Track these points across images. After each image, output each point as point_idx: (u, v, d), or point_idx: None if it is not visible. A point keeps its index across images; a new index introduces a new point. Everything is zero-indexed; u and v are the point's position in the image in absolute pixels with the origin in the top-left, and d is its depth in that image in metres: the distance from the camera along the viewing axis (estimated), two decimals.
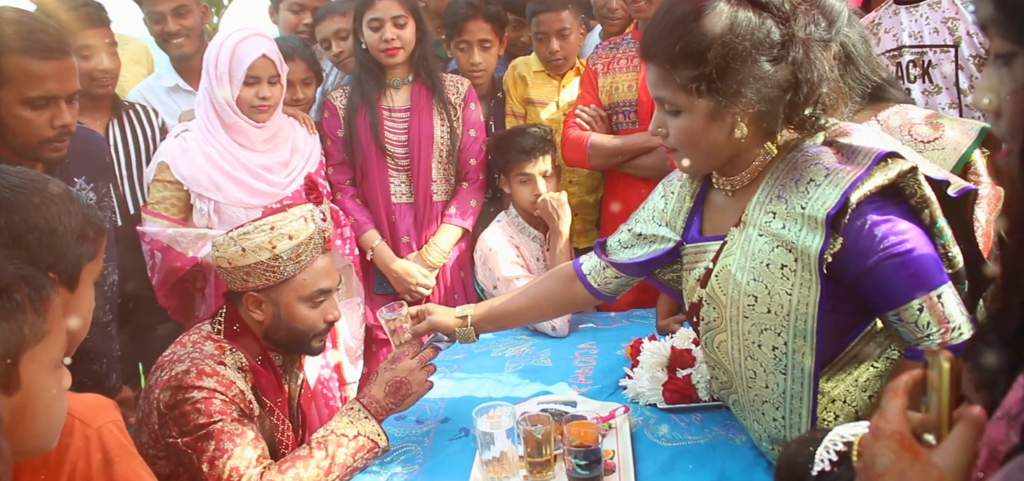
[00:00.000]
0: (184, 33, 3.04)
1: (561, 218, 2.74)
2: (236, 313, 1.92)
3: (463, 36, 3.01)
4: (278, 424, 1.91)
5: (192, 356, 1.80)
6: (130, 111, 2.86)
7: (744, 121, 1.49)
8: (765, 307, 1.50)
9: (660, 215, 1.83)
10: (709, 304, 1.61)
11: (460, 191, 2.97)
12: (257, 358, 1.90)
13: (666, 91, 1.51)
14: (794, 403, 1.53)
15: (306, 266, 1.89)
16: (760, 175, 1.57)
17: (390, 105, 2.88)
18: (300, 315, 1.91)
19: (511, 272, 2.74)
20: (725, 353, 1.62)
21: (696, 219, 1.74)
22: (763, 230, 1.51)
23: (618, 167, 2.87)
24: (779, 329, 1.49)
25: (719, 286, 1.58)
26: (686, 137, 1.53)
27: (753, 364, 1.56)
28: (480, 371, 2.40)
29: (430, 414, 2.14)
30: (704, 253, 1.68)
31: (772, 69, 1.44)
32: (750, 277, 1.51)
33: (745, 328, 1.55)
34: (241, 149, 2.59)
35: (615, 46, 2.92)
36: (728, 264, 1.56)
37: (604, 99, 2.90)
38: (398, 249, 2.94)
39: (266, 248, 1.83)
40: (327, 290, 1.95)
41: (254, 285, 1.87)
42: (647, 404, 2.06)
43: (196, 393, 1.72)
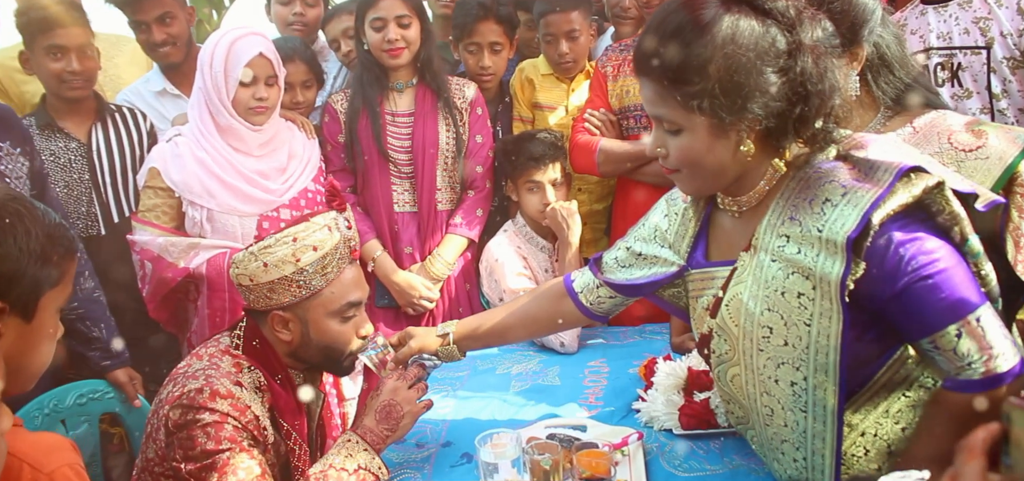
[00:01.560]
0: (170, 41, 2.91)
1: (571, 228, 2.63)
2: (256, 328, 1.81)
3: (473, 38, 2.90)
4: (295, 448, 1.81)
5: (207, 373, 1.68)
6: (115, 115, 2.75)
7: (750, 137, 1.38)
8: (781, 339, 1.39)
9: (661, 236, 1.70)
10: (720, 336, 1.50)
11: (466, 199, 2.85)
12: (276, 377, 1.79)
13: (664, 109, 1.40)
14: (816, 443, 1.41)
15: (333, 278, 1.78)
16: (769, 195, 1.46)
17: (393, 109, 2.77)
18: (331, 332, 1.80)
19: (518, 284, 2.63)
20: (739, 388, 1.50)
21: (701, 242, 1.62)
22: (776, 255, 1.40)
23: (629, 174, 2.76)
24: (798, 363, 1.38)
25: (730, 316, 1.47)
26: (688, 157, 1.42)
27: (770, 400, 1.45)
28: (484, 389, 2.28)
29: (431, 437, 2.02)
30: (711, 280, 1.56)
31: (779, 80, 1.33)
32: (764, 306, 1.40)
33: (760, 362, 1.43)
34: (236, 154, 2.48)
35: (626, 48, 2.82)
36: (739, 292, 1.45)
37: (614, 103, 2.80)
38: (401, 260, 2.82)
39: (289, 261, 1.72)
40: (357, 302, 1.84)
41: (279, 302, 1.75)
42: (662, 429, 1.94)
43: (206, 416, 1.61)
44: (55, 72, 2.54)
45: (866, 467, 1.45)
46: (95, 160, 2.66)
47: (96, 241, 2.64)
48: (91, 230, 2.67)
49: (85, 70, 2.58)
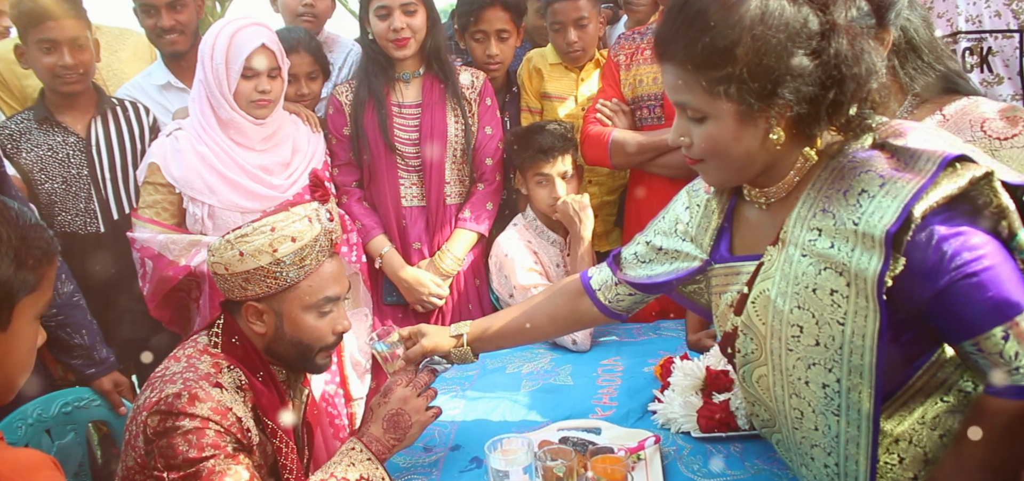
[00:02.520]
0: (178, 29, 2.85)
1: (583, 222, 2.55)
2: (235, 325, 1.75)
3: (479, 26, 2.81)
4: (281, 446, 1.74)
5: (185, 376, 1.61)
6: (116, 109, 2.69)
7: (780, 125, 1.30)
8: (812, 339, 1.31)
9: (682, 229, 1.62)
10: (746, 334, 1.42)
11: (475, 193, 2.77)
12: (258, 375, 1.72)
13: (688, 95, 1.32)
14: (850, 448, 1.33)
15: (311, 271, 1.71)
16: (799, 186, 1.38)
17: (400, 101, 2.69)
18: (305, 326, 1.73)
19: (528, 280, 2.55)
20: (766, 389, 1.43)
21: (725, 235, 1.54)
22: (807, 250, 1.32)
23: (642, 166, 2.68)
24: (830, 364, 1.30)
25: (757, 314, 1.39)
26: (714, 146, 1.34)
27: (800, 403, 1.37)
28: (494, 390, 2.21)
29: (439, 441, 1.96)
30: (736, 275, 1.48)
31: (811, 64, 1.25)
32: (793, 304, 1.32)
33: (789, 362, 1.35)
34: (238, 148, 2.42)
35: (639, 36, 2.74)
36: (766, 289, 1.37)
37: (627, 93, 2.72)
38: (409, 256, 2.75)
39: (267, 251, 1.66)
40: (335, 298, 1.77)
41: (254, 293, 1.69)
42: (680, 432, 1.87)
43: (187, 422, 1.54)
44: (48, 66, 2.48)
45: (900, 477, 1.37)
46: (94, 155, 2.60)
47: (95, 238, 2.59)
48: (90, 227, 2.61)
49: (79, 64, 2.51)
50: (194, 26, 2.91)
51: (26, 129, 2.58)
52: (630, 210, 2.84)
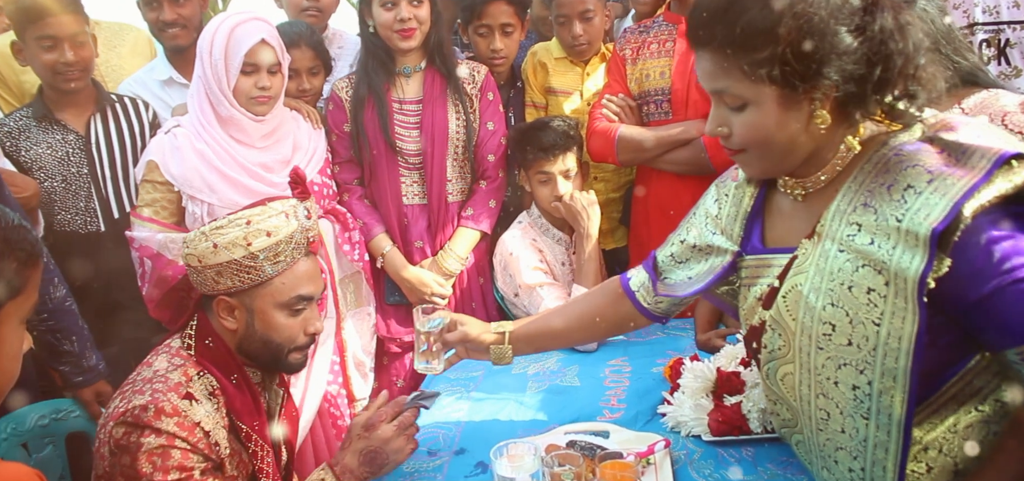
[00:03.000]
0: (181, 23, 2.82)
1: (590, 219, 2.50)
2: (208, 325, 1.72)
3: (483, 20, 2.76)
4: (257, 451, 1.71)
5: (154, 387, 1.58)
6: (116, 105, 2.64)
7: (825, 107, 1.25)
8: (845, 338, 1.25)
9: (713, 222, 1.57)
10: (774, 330, 1.37)
11: (477, 191, 2.73)
12: (231, 377, 1.69)
13: (728, 81, 1.27)
14: (878, 453, 1.28)
15: (285, 268, 1.69)
16: (839, 178, 1.32)
17: (400, 96, 2.64)
18: (277, 324, 1.70)
19: (534, 278, 2.51)
20: (790, 388, 1.38)
21: (757, 226, 1.49)
22: (844, 245, 1.26)
23: (649, 162, 2.63)
24: (862, 366, 1.25)
25: (787, 309, 1.34)
26: (756, 134, 1.29)
27: (827, 403, 1.32)
28: (500, 391, 2.17)
29: (444, 444, 1.91)
30: (767, 268, 1.43)
31: (855, 41, 1.20)
32: (827, 301, 1.27)
33: (818, 361, 1.30)
34: (237, 146, 2.37)
35: (645, 29, 2.68)
36: (799, 283, 1.32)
37: (633, 88, 2.66)
38: (411, 255, 2.71)
39: (240, 244, 1.63)
40: (308, 297, 1.74)
41: (226, 287, 1.66)
42: (690, 435, 1.83)
43: (152, 439, 1.51)
44: (48, 63, 2.44)
45: None
46: (94, 153, 2.57)
47: (95, 238, 2.55)
48: (90, 226, 2.57)
49: (80, 60, 2.47)
50: (197, 20, 2.87)
51: (25, 127, 2.54)
52: (637, 207, 2.79)
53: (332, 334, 2.60)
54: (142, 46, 3.29)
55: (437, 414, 2.07)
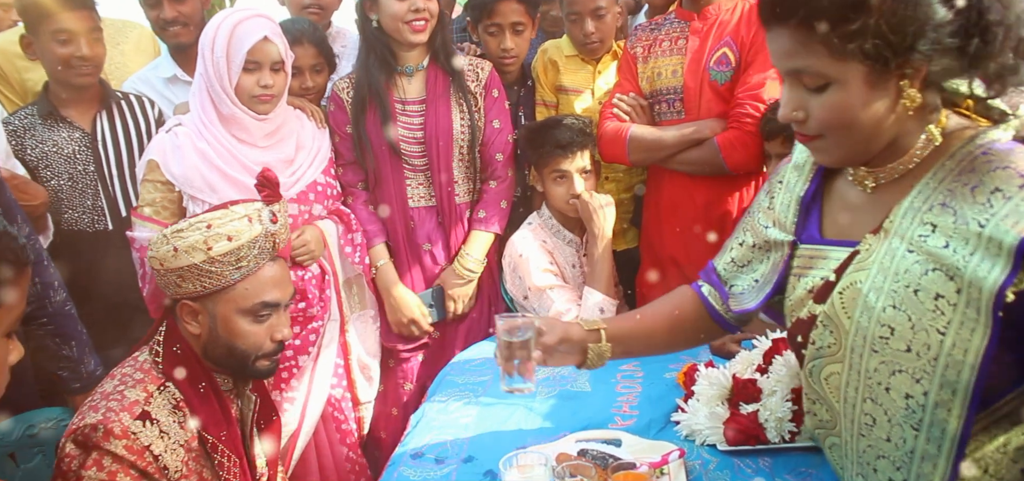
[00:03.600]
0: (182, 20, 2.79)
1: (605, 220, 2.45)
2: (176, 330, 1.69)
3: (494, 19, 2.70)
4: (224, 462, 1.67)
5: (109, 405, 1.55)
6: (121, 103, 2.61)
7: (915, 85, 1.16)
8: (904, 344, 1.17)
9: (767, 215, 1.47)
10: (825, 326, 1.28)
11: (487, 191, 2.66)
12: (199, 386, 1.66)
13: (810, 59, 1.18)
14: (924, 467, 1.20)
15: (249, 273, 1.66)
16: (915, 171, 1.23)
17: (402, 96, 2.58)
18: (240, 331, 1.67)
19: (544, 281, 2.46)
20: (835, 388, 1.30)
21: (814, 214, 1.40)
22: (915, 245, 1.18)
23: (661, 162, 2.57)
24: (919, 374, 1.17)
25: (843, 306, 1.25)
26: (839, 117, 1.20)
27: (874, 409, 1.24)
28: (509, 397, 2.09)
29: (452, 452, 1.86)
30: (823, 259, 1.34)
31: (949, 12, 1.11)
32: (888, 302, 1.19)
33: (871, 364, 1.22)
34: (239, 145, 2.32)
35: (657, 27, 2.63)
36: (859, 281, 1.23)
37: (645, 87, 2.61)
38: (420, 258, 2.65)
39: (201, 249, 1.60)
40: (274, 304, 1.71)
41: (188, 291, 1.64)
42: (705, 444, 1.78)
43: (93, 472, 1.48)
44: (63, 57, 2.42)
45: None
46: (100, 150, 2.54)
47: (104, 236, 2.53)
48: (98, 225, 2.55)
49: (95, 56, 2.47)
50: (198, 17, 2.84)
51: (30, 125, 2.51)
52: (648, 208, 2.74)
53: (336, 337, 2.55)
54: (145, 43, 3.26)
55: (445, 419, 2.02)
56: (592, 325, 1.62)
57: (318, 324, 2.47)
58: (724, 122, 2.44)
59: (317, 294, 2.46)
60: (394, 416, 2.73)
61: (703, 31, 2.49)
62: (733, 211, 2.53)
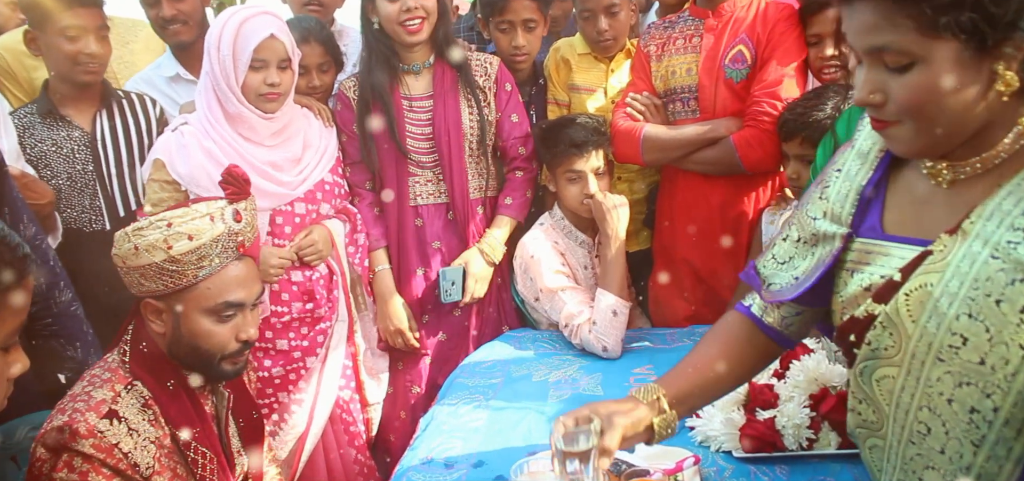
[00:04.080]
0: (181, 19, 2.77)
1: (619, 221, 2.41)
2: (143, 328, 1.67)
3: (505, 16, 2.66)
4: (198, 459, 1.65)
5: (75, 406, 1.54)
6: (122, 102, 2.59)
7: (1012, 68, 1.05)
8: (977, 356, 1.08)
9: (819, 206, 1.35)
10: (885, 328, 1.18)
11: (513, 179, 2.63)
12: (168, 383, 1.64)
13: (895, 35, 1.07)
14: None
15: (213, 273, 1.63)
16: (1001, 168, 1.12)
17: (408, 94, 2.54)
18: (203, 331, 1.64)
19: (555, 282, 2.42)
20: (887, 392, 1.21)
21: (875, 206, 1.28)
22: (1001, 252, 1.07)
23: (676, 162, 2.53)
24: (991, 390, 1.07)
25: (909, 310, 1.15)
26: (923, 101, 1.08)
27: (931, 418, 1.15)
28: (520, 400, 2.09)
29: (462, 457, 1.83)
30: (883, 256, 1.23)
31: None
32: (963, 310, 1.09)
33: (934, 373, 1.13)
34: (246, 143, 2.29)
35: (670, 25, 2.59)
36: (930, 283, 1.13)
37: (659, 85, 2.57)
38: (428, 256, 2.61)
39: (161, 248, 1.58)
40: (239, 304, 1.67)
41: (150, 290, 1.62)
42: (720, 451, 1.74)
43: (71, 464, 1.48)
44: (70, 54, 2.40)
45: None
46: (100, 150, 2.51)
47: (100, 236, 2.50)
48: (95, 224, 2.53)
49: (102, 54, 2.45)
50: (199, 16, 2.82)
51: (30, 124, 2.49)
52: (661, 209, 2.69)
53: (344, 338, 2.52)
54: (154, 42, 3.24)
55: (454, 423, 1.99)
56: (650, 395, 1.45)
57: (326, 325, 2.45)
58: (740, 121, 2.40)
59: (325, 295, 2.43)
60: (402, 419, 2.69)
61: (718, 28, 2.45)
62: (749, 212, 2.49)
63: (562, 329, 2.41)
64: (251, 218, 1.73)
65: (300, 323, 2.40)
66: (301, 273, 2.39)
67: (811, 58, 2.38)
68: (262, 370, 2.38)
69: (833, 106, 2.16)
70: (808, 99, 2.24)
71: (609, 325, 2.29)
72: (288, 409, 2.42)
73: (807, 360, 1.83)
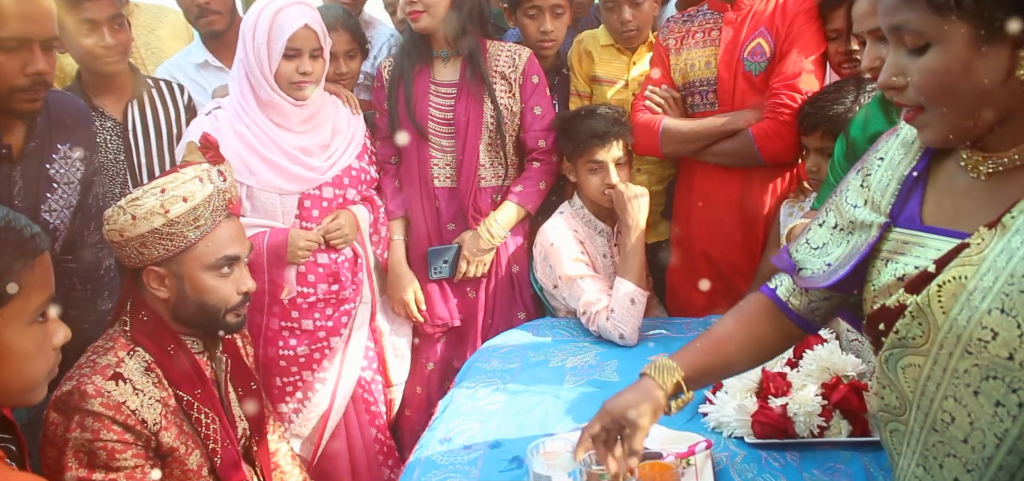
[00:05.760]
0: (215, 9, 2.82)
1: (639, 211, 2.45)
2: (141, 299, 1.76)
3: (533, 1, 2.71)
4: (201, 418, 1.74)
5: (82, 372, 1.64)
6: (152, 90, 2.63)
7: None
8: (1006, 351, 1.07)
9: (859, 193, 1.34)
10: (915, 318, 1.18)
11: (529, 171, 2.68)
12: (168, 348, 1.73)
13: (909, 13, 1.08)
14: (999, 475, 1.12)
15: (207, 231, 1.74)
16: None
17: (436, 78, 2.61)
18: (207, 287, 1.75)
19: (574, 270, 2.47)
20: (912, 380, 1.21)
21: (915, 197, 1.26)
22: None
23: (695, 155, 2.56)
24: (1017, 385, 1.07)
25: (941, 302, 1.14)
26: (937, 83, 1.08)
27: (955, 408, 1.16)
28: (536, 383, 2.14)
29: (479, 438, 1.88)
30: (919, 247, 1.22)
31: None
32: (996, 305, 1.08)
33: (961, 365, 1.13)
34: (277, 129, 2.36)
35: (689, 18, 2.61)
36: (964, 276, 1.12)
37: (677, 79, 2.60)
38: (444, 236, 2.68)
39: (159, 213, 1.67)
40: (235, 257, 1.79)
41: (152, 257, 1.71)
42: (732, 437, 1.78)
43: (83, 423, 1.57)
44: (87, 48, 2.43)
45: None
46: (131, 139, 2.56)
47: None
48: None
49: (119, 43, 2.46)
50: (230, 4, 2.88)
51: None
52: (679, 200, 2.72)
53: (367, 320, 2.59)
54: (180, 29, 3.30)
55: (472, 406, 2.04)
56: (667, 378, 1.46)
57: (350, 306, 2.51)
58: (759, 112, 2.42)
59: (350, 277, 2.50)
60: (418, 394, 2.77)
61: (737, 22, 2.47)
62: (766, 204, 2.51)
63: (580, 316, 2.45)
64: (232, 178, 1.83)
65: (325, 304, 2.47)
66: (327, 255, 2.46)
67: (830, 53, 2.39)
68: (287, 349, 2.45)
69: (853, 100, 2.17)
70: (828, 93, 2.26)
71: (627, 313, 2.34)
72: (312, 387, 2.49)
73: (820, 349, 1.86)
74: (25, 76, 1.76)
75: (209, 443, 1.74)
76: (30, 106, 1.83)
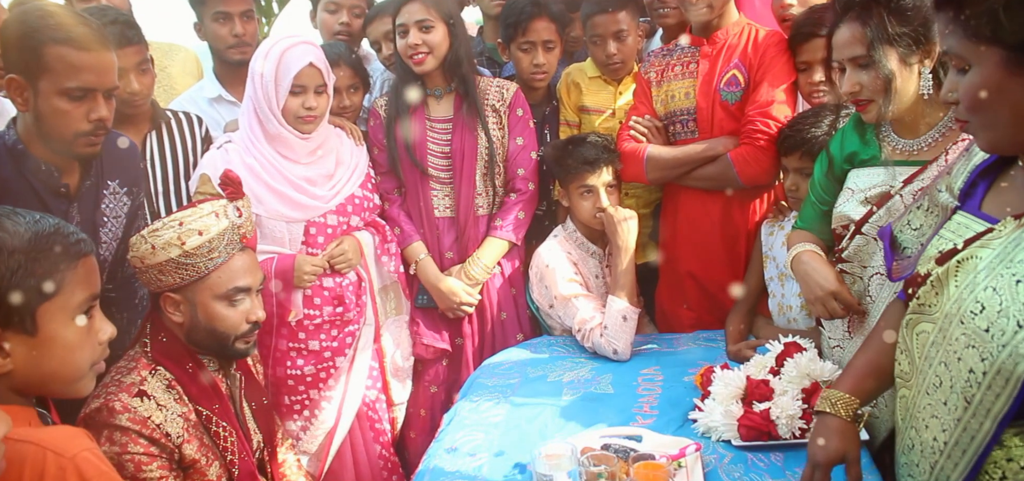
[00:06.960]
0: (247, 41, 2.95)
1: (629, 233, 2.57)
2: (160, 322, 1.90)
3: (527, 36, 2.85)
4: (219, 431, 1.87)
5: (108, 390, 1.76)
6: (171, 122, 2.74)
7: None
8: (986, 323, 1.20)
9: (944, 180, 1.49)
10: (933, 287, 1.32)
11: (506, 203, 2.82)
12: (187, 367, 1.87)
13: (953, 39, 1.21)
14: (963, 438, 1.26)
15: (221, 263, 1.87)
16: None
17: (431, 115, 2.76)
18: (218, 315, 1.88)
19: (569, 290, 2.59)
20: (921, 345, 1.35)
21: (982, 187, 1.38)
22: None
23: (677, 180, 2.68)
24: (986, 355, 1.20)
25: (955, 274, 1.28)
26: (974, 100, 1.20)
27: (944, 373, 1.29)
28: (536, 396, 2.25)
29: (484, 446, 1.99)
30: (966, 229, 1.34)
31: None
32: (991, 283, 1.20)
33: (955, 333, 1.26)
34: (284, 161, 2.48)
35: (668, 53, 2.75)
36: (978, 254, 1.24)
37: (659, 109, 2.72)
38: (442, 264, 2.81)
39: (175, 244, 1.82)
40: (246, 288, 1.92)
41: (168, 283, 1.85)
42: (720, 440, 1.90)
43: (112, 438, 1.69)
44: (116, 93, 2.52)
45: None
46: (148, 169, 2.65)
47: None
48: None
49: (144, 87, 2.57)
50: (254, 40, 3.00)
51: None
52: (665, 223, 2.83)
53: (371, 341, 2.70)
54: (191, 65, 3.41)
55: (476, 417, 2.15)
56: (847, 409, 1.51)
57: (354, 328, 2.62)
58: (736, 139, 2.54)
59: (354, 300, 2.61)
60: (422, 416, 2.88)
61: (713, 55, 2.60)
62: (747, 224, 2.63)
63: (575, 333, 2.56)
64: (248, 214, 1.96)
65: (330, 325, 2.58)
66: (332, 279, 2.57)
67: (801, 83, 2.52)
68: (295, 368, 2.55)
69: (829, 124, 2.28)
70: (806, 117, 2.37)
71: (619, 329, 2.45)
72: (318, 406, 2.59)
73: (800, 357, 1.98)
74: (89, 122, 1.88)
75: (227, 455, 1.86)
76: (91, 150, 1.94)
